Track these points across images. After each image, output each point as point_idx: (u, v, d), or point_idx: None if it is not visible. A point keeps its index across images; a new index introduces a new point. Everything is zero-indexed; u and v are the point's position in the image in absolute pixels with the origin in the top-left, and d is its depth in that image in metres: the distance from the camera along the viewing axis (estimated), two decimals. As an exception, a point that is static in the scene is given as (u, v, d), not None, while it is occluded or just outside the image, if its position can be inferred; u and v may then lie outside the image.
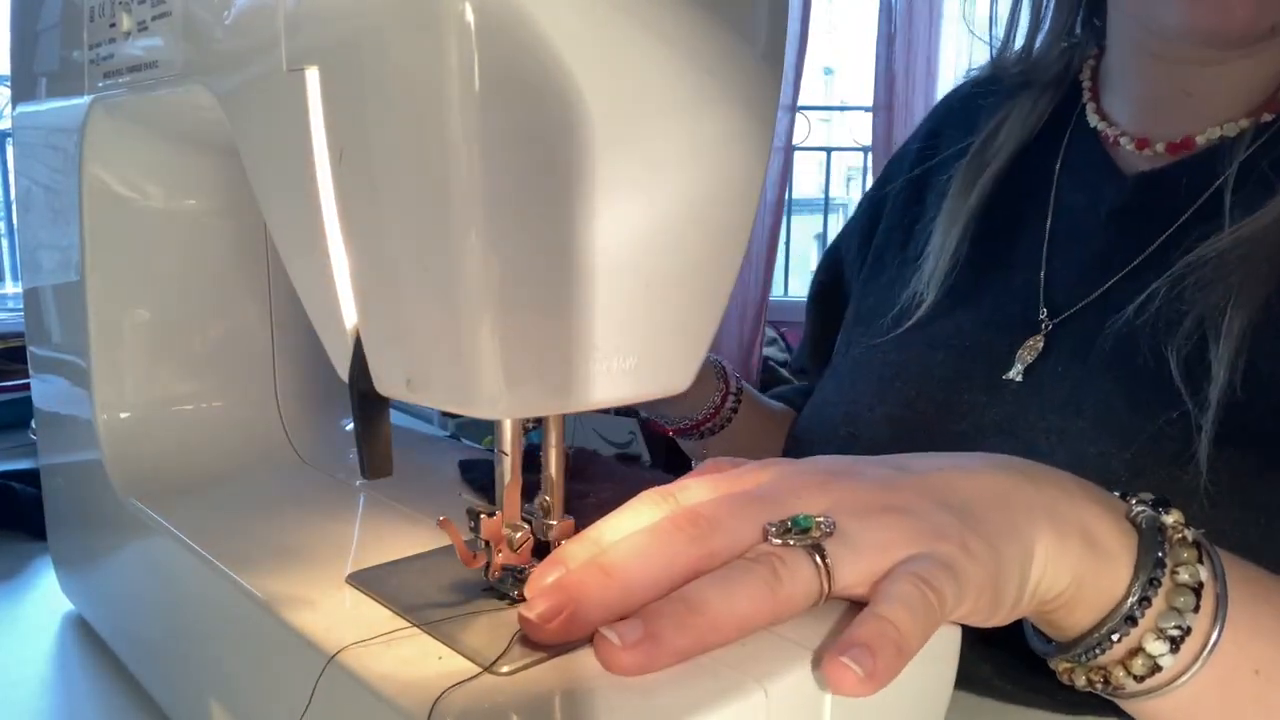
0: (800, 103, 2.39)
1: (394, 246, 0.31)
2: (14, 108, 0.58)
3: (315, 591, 0.38)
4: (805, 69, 2.36)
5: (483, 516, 0.36)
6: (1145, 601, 0.35)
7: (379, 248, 0.31)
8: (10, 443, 0.87)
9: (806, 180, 3.56)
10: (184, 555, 0.43)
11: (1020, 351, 0.57)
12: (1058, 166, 0.62)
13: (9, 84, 0.60)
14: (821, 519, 0.34)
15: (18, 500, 0.71)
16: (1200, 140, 0.55)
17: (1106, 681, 0.37)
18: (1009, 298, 0.60)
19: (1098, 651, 0.36)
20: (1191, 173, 0.54)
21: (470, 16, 0.26)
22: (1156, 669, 0.35)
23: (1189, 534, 0.37)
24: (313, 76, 0.31)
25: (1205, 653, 0.35)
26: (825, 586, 0.33)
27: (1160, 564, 0.35)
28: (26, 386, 0.62)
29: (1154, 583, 0.35)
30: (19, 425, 0.88)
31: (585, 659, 0.32)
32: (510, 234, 0.28)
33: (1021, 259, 0.61)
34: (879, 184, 0.78)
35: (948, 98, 0.76)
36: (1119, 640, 0.36)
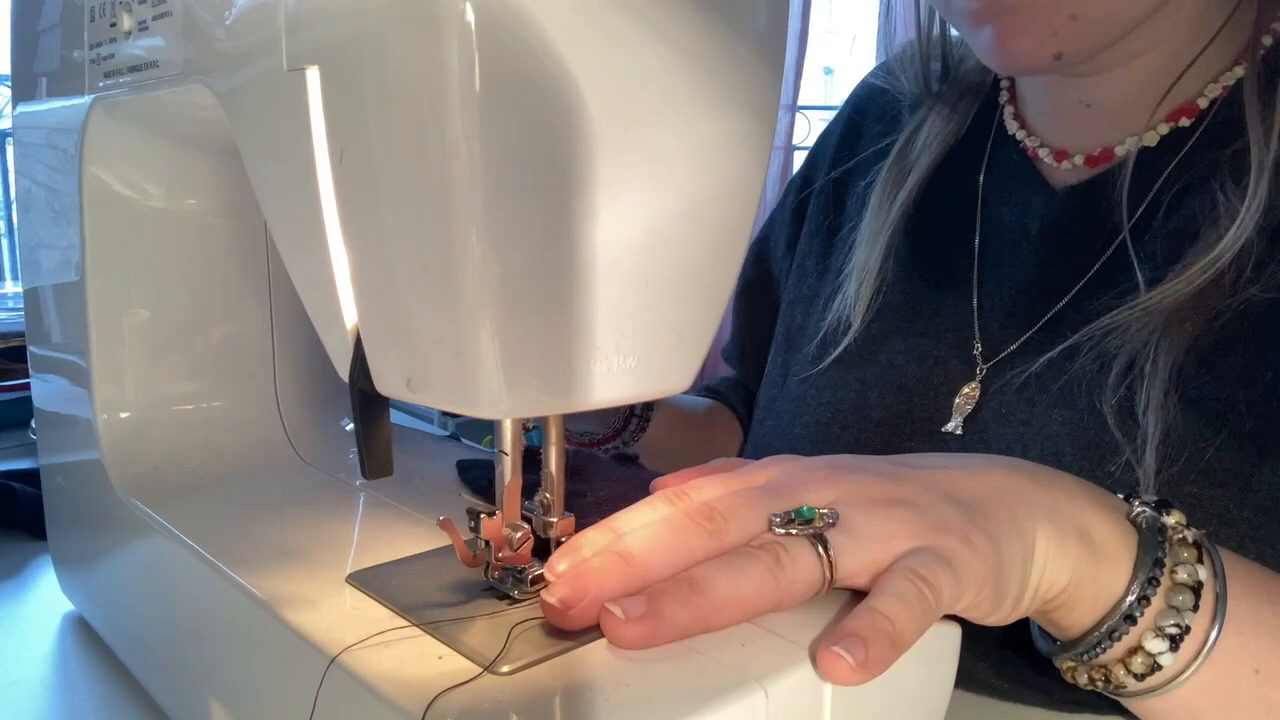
0: (800, 103, 2.39)
1: (394, 246, 0.31)
2: (14, 107, 0.58)
3: (315, 591, 0.38)
4: (805, 69, 2.36)
5: (483, 516, 0.36)
6: (1144, 600, 0.35)
7: (379, 248, 0.31)
8: (10, 443, 0.87)
9: (806, 180, 3.55)
10: (184, 555, 0.43)
11: (957, 401, 0.56)
12: (981, 177, 0.60)
13: (9, 84, 0.59)
14: (825, 510, 0.35)
15: (18, 500, 0.71)
16: (1119, 151, 0.54)
17: (1108, 680, 0.37)
18: (941, 326, 0.58)
19: (1098, 650, 0.36)
20: (1117, 187, 0.52)
21: (470, 16, 0.26)
22: (1156, 667, 0.35)
23: (1190, 534, 0.37)
24: (313, 76, 0.31)
25: (1205, 651, 0.35)
26: (827, 575, 0.34)
27: (1159, 563, 0.36)
28: (26, 386, 0.62)
29: (1153, 582, 0.35)
30: (19, 425, 0.88)
31: (585, 659, 0.32)
32: (510, 234, 0.28)
33: (951, 278, 0.59)
34: (804, 172, 0.75)
35: (867, 81, 0.73)
36: (1119, 639, 0.36)
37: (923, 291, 0.61)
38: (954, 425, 0.55)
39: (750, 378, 0.77)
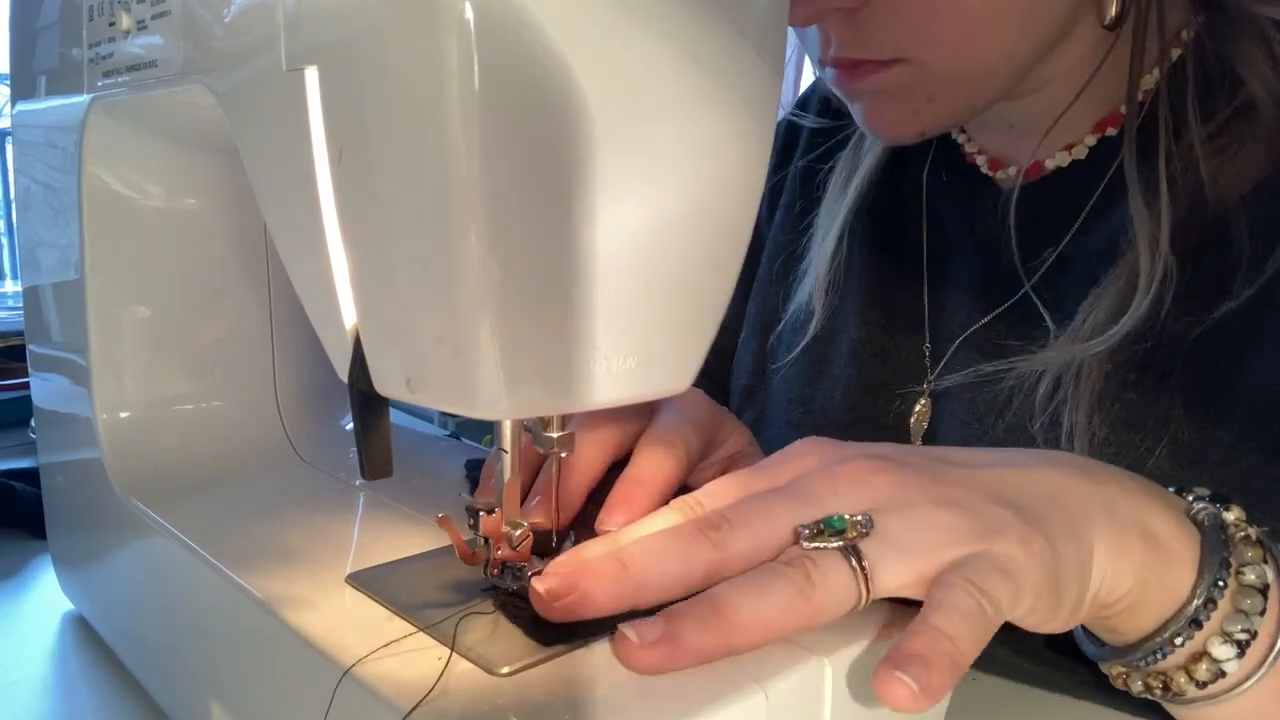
0: (801, 102, 2.38)
1: (393, 246, 0.30)
2: (13, 106, 0.58)
3: (315, 591, 0.38)
4: (805, 69, 2.36)
5: (482, 514, 0.36)
6: (1210, 604, 0.33)
7: (378, 248, 0.31)
8: (10, 442, 0.87)
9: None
10: (184, 555, 0.43)
11: (912, 422, 0.57)
12: (925, 175, 0.61)
13: (8, 82, 0.59)
14: (860, 518, 0.32)
15: (17, 500, 0.71)
16: (1049, 164, 0.54)
17: (1166, 687, 0.35)
18: (897, 320, 0.59)
19: (1159, 656, 0.34)
20: (1063, 188, 0.53)
21: (470, 16, 0.26)
22: (1221, 674, 0.34)
23: (1252, 532, 0.35)
24: (312, 76, 0.31)
25: (1272, 657, 0.34)
26: (864, 590, 0.31)
27: (1225, 564, 0.34)
28: (26, 385, 0.62)
29: (1219, 584, 0.33)
30: (19, 424, 0.88)
31: (585, 659, 0.32)
32: (510, 234, 0.28)
33: (902, 272, 0.60)
34: (779, 154, 0.74)
35: (807, 98, 0.75)
36: (1182, 644, 0.34)
37: (876, 283, 0.61)
38: (916, 443, 0.56)
39: (718, 370, 0.76)
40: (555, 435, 0.37)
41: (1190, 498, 0.37)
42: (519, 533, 0.36)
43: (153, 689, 0.48)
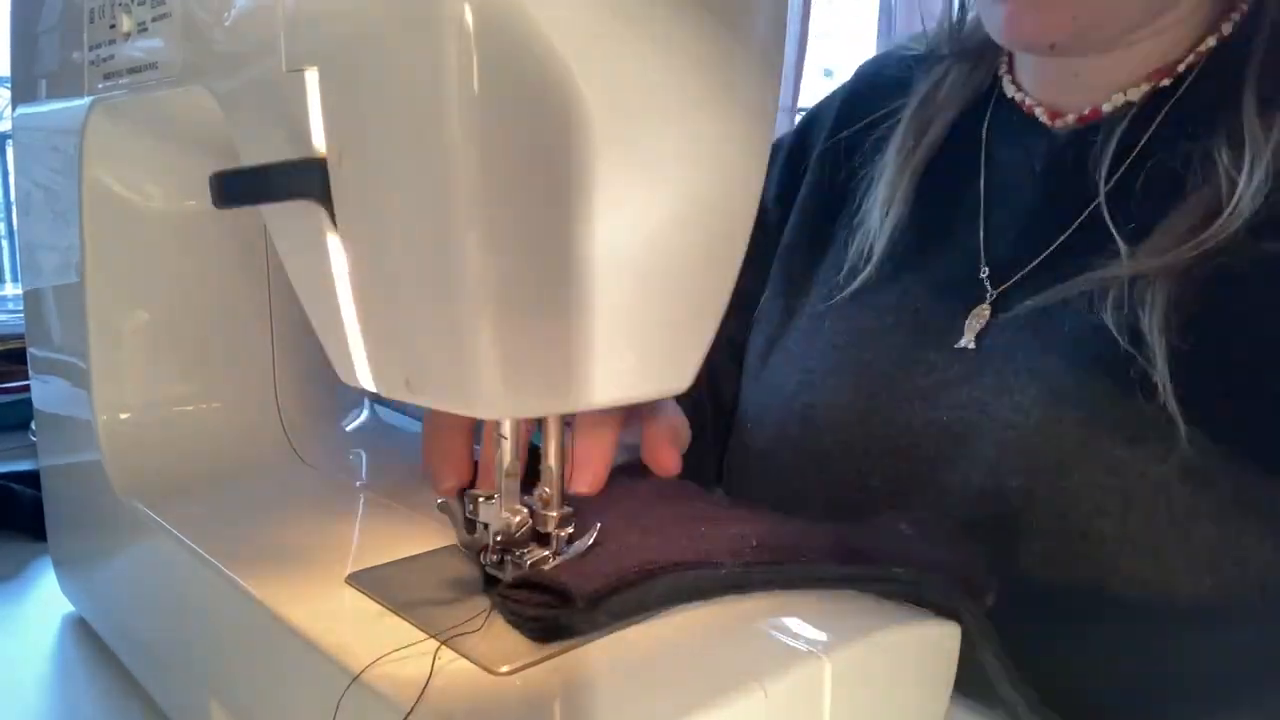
0: (800, 104, 2.39)
1: (394, 247, 0.31)
2: (14, 109, 0.58)
3: (315, 591, 0.38)
4: (805, 70, 2.36)
5: (480, 499, 0.36)
6: None
7: (379, 248, 0.31)
8: (10, 444, 0.87)
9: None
10: (184, 555, 0.43)
11: (969, 320, 0.58)
12: (984, 130, 0.64)
13: (9, 85, 0.60)
14: None
15: (17, 501, 0.71)
16: (1105, 108, 0.58)
17: None
18: (952, 259, 0.61)
19: None
20: (1109, 135, 0.56)
21: (470, 17, 0.26)
22: None
23: None
24: (312, 77, 0.31)
25: None
26: None
27: None
28: (26, 388, 0.62)
29: None
30: (19, 426, 0.88)
31: (585, 659, 0.33)
32: (510, 234, 0.28)
33: (960, 217, 0.62)
34: (799, 134, 0.77)
35: (877, 63, 0.76)
36: None
37: (933, 230, 0.63)
38: (966, 341, 0.57)
39: (738, 329, 0.77)
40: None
41: None
42: (518, 519, 0.36)
43: (153, 689, 0.48)
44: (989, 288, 0.58)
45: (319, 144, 0.32)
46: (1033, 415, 0.52)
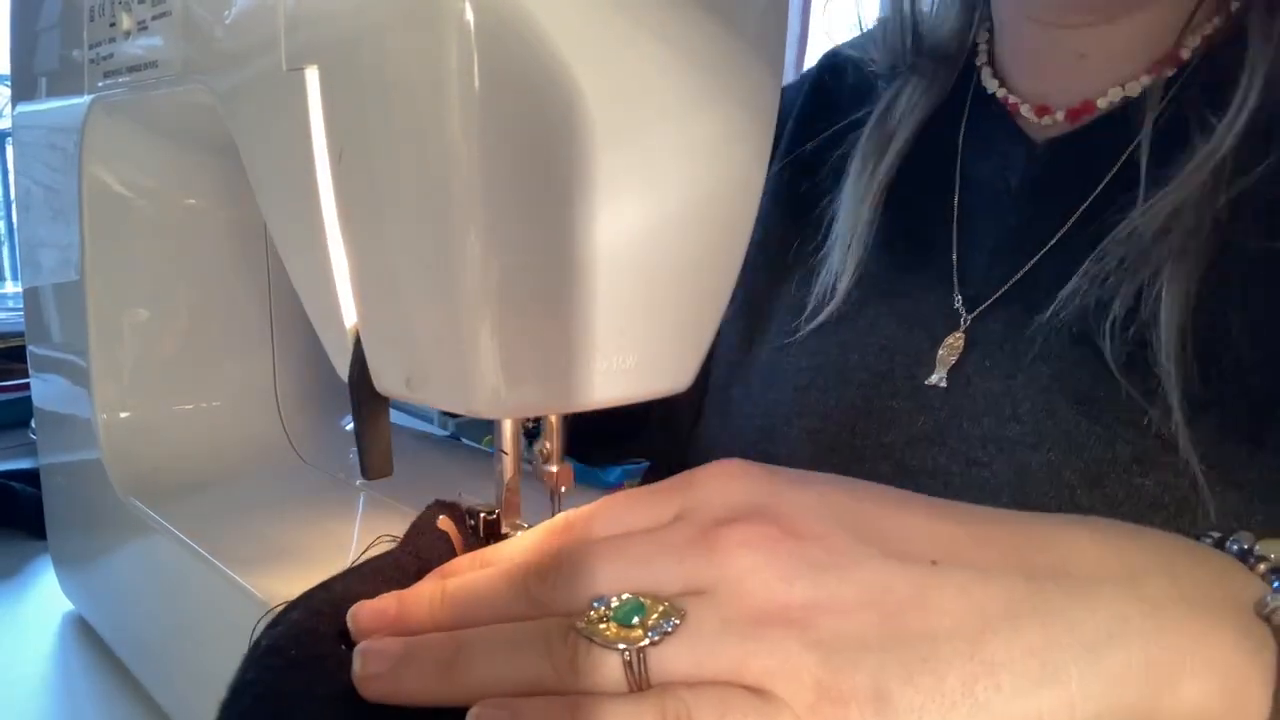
0: (800, 103, 2.39)
1: (393, 246, 0.30)
2: (14, 107, 0.58)
3: (315, 591, 0.38)
4: (805, 69, 2.36)
5: (482, 515, 0.36)
6: None
7: (379, 247, 0.31)
8: (10, 443, 0.87)
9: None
10: (184, 555, 0.43)
11: (940, 352, 0.52)
12: (960, 137, 0.58)
13: (9, 83, 0.60)
14: (666, 606, 0.25)
15: (18, 500, 0.71)
16: (1101, 104, 0.52)
17: None
18: (921, 284, 0.56)
19: None
20: (1101, 137, 0.51)
21: (470, 16, 0.26)
22: None
23: None
24: (312, 76, 0.31)
25: None
26: (636, 688, 0.25)
27: None
28: (26, 386, 0.62)
29: None
30: (19, 425, 0.88)
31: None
32: (510, 233, 0.28)
33: (930, 239, 0.56)
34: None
35: (839, 52, 0.69)
36: None
37: (902, 255, 0.58)
38: (938, 378, 0.52)
39: None
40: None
41: (1263, 566, 0.27)
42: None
43: (153, 689, 0.48)
44: (963, 313, 0.53)
45: (319, 143, 0.32)
46: (1002, 495, 0.46)
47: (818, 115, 0.66)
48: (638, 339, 0.32)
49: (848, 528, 0.26)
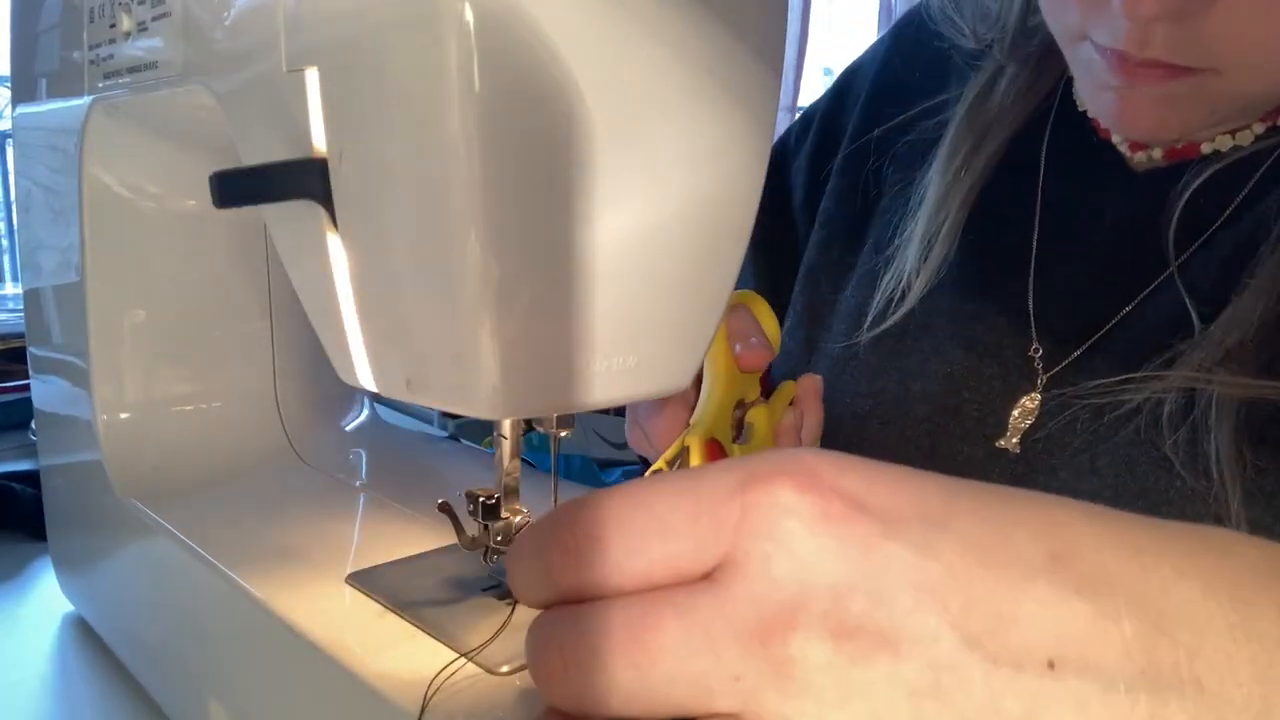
0: (800, 104, 2.40)
1: (394, 247, 0.31)
2: (14, 108, 0.58)
3: (315, 591, 0.38)
4: (805, 69, 2.36)
5: (482, 500, 0.36)
6: None
7: (379, 248, 0.31)
8: (10, 443, 0.87)
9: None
10: (184, 555, 0.43)
11: (1015, 414, 0.48)
12: (1044, 151, 0.52)
13: (9, 85, 0.60)
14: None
15: (18, 501, 0.71)
16: (1205, 148, 0.47)
17: None
18: (995, 319, 0.50)
19: None
20: (1211, 178, 0.46)
21: (470, 16, 0.26)
22: None
23: None
24: (312, 77, 0.31)
25: None
26: None
27: None
28: (26, 387, 0.62)
29: None
30: (19, 426, 0.88)
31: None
32: (510, 234, 0.28)
33: (1008, 265, 0.51)
34: (828, 107, 0.64)
35: (917, 17, 0.61)
36: None
37: (974, 273, 0.52)
38: (1010, 440, 0.48)
39: None
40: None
41: None
42: (519, 520, 0.37)
43: (153, 689, 0.48)
44: (1039, 369, 0.48)
45: (319, 144, 0.32)
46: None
47: (888, 93, 0.59)
48: (637, 339, 0.32)
49: (958, 626, 0.20)
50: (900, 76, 0.60)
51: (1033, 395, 0.48)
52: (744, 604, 0.20)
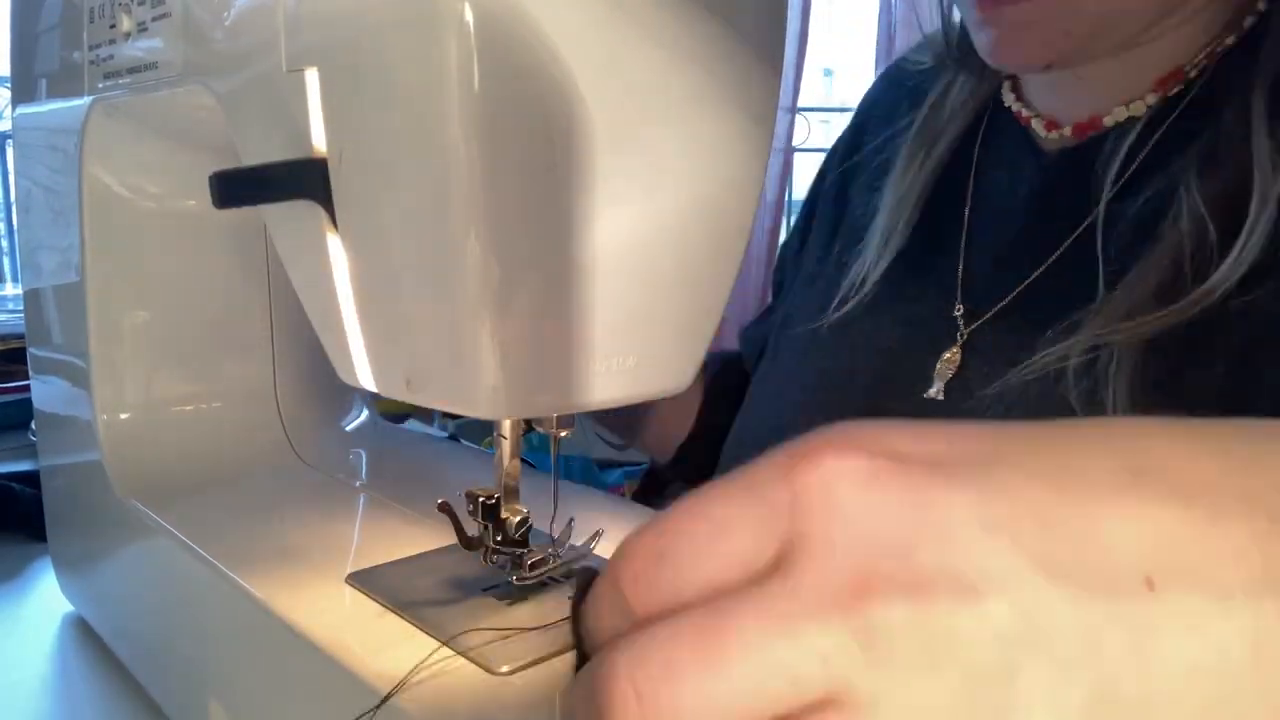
0: (800, 104, 2.39)
1: (394, 247, 0.31)
2: (14, 109, 0.58)
3: (315, 591, 0.38)
4: (805, 70, 2.36)
5: (481, 500, 0.36)
6: None
7: (379, 248, 0.31)
8: (10, 444, 0.87)
9: (807, 181, 3.54)
10: (184, 555, 0.43)
11: (939, 366, 0.53)
12: (977, 148, 0.60)
13: (9, 85, 0.60)
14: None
15: (18, 501, 0.71)
16: (1106, 121, 0.53)
17: None
18: (927, 292, 0.57)
19: None
20: (1104, 152, 0.52)
21: (470, 16, 0.26)
22: None
23: None
24: (312, 77, 0.31)
25: None
26: None
27: None
28: (26, 388, 0.62)
29: None
30: (19, 426, 0.88)
31: (585, 659, 0.33)
32: (510, 234, 0.28)
33: (941, 247, 0.58)
34: (815, 182, 0.75)
35: (877, 87, 0.72)
36: None
37: (913, 259, 0.59)
38: (936, 390, 0.53)
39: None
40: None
41: None
42: (518, 519, 0.37)
43: (153, 689, 0.48)
44: (961, 326, 0.54)
45: (319, 144, 0.32)
46: None
47: (853, 149, 0.68)
48: (637, 339, 0.32)
49: (1037, 558, 0.18)
50: (863, 132, 0.69)
51: (954, 349, 0.54)
52: (814, 582, 0.19)
